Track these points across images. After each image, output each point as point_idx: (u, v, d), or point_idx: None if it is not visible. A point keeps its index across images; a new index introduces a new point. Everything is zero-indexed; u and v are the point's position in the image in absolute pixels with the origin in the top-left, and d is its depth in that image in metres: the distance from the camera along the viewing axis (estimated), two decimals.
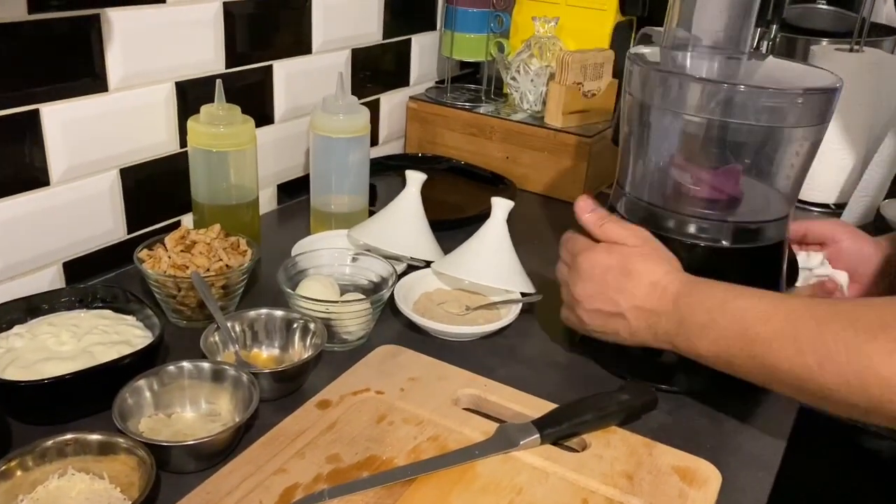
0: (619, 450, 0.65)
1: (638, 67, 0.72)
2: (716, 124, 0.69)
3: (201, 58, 0.94)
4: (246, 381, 0.65)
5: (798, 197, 0.76)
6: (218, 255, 0.80)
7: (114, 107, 0.86)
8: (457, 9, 1.29)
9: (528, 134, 1.22)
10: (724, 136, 0.70)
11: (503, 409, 0.70)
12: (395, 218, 0.93)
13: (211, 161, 0.89)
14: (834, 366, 0.56)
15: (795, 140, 0.70)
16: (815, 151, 0.72)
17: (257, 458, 0.61)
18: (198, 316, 0.80)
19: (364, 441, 0.64)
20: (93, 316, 0.74)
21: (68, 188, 0.84)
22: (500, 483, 0.60)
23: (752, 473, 0.66)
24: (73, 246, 0.87)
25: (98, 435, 0.58)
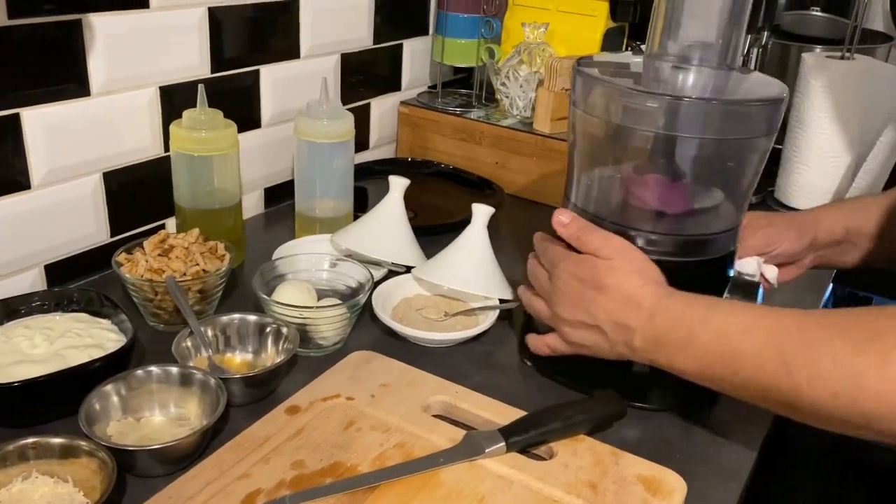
0: (585, 459, 0.64)
1: (581, 78, 0.71)
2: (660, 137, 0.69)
3: (186, 62, 0.95)
4: (214, 386, 0.65)
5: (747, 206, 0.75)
6: (195, 260, 0.80)
7: (96, 111, 0.87)
8: (448, 14, 1.29)
9: (517, 139, 1.22)
10: (668, 149, 0.70)
11: (473, 417, 0.70)
12: (377, 223, 0.94)
13: (193, 165, 0.89)
14: (822, 381, 0.54)
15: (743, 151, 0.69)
16: (763, 161, 0.72)
17: (222, 463, 0.61)
18: (175, 320, 0.80)
19: (329, 447, 0.64)
20: (68, 319, 0.74)
21: (50, 192, 0.85)
22: (462, 491, 0.60)
23: (721, 484, 0.66)
24: (55, 249, 0.87)
25: (60, 438, 0.58)
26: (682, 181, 0.71)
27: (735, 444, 0.70)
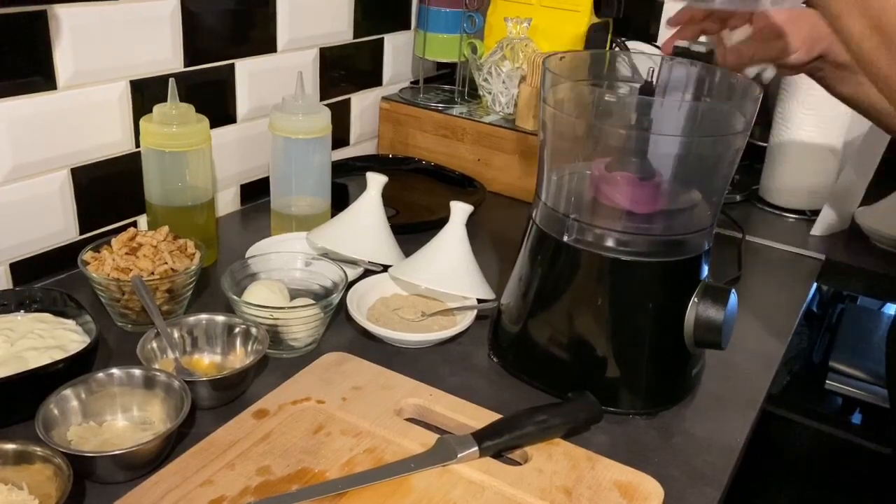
0: (560, 463, 0.63)
1: (551, 75, 0.70)
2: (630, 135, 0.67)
3: (158, 56, 0.93)
4: (178, 388, 0.63)
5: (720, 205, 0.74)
6: (163, 259, 0.78)
7: (64, 105, 0.84)
8: (429, 8, 1.27)
9: (499, 136, 1.20)
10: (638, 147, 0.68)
11: (448, 420, 0.68)
12: (354, 221, 0.92)
13: (164, 161, 0.87)
14: None
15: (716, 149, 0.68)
16: (736, 160, 0.70)
17: (185, 469, 0.59)
18: (144, 320, 0.78)
19: (297, 453, 0.62)
20: (31, 320, 0.72)
21: (15, 188, 0.82)
22: (433, 498, 0.59)
23: (699, 489, 0.64)
24: (21, 247, 0.85)
25: (13, 444, 0.56)
26: (653, 180, 0.70)
27: (714, 449, 0.69)
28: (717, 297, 0.70)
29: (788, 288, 1.02)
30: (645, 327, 0.71)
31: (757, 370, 0.82)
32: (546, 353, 0.74)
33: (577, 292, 0.72)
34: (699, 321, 0.70)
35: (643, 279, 0.70)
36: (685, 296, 0.70)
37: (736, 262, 1.06)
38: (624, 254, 0.69)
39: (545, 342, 0.74)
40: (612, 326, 0.71)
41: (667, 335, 0.71)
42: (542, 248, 0.74)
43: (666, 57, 0.76)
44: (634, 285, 0.70)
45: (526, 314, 0.75)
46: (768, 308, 0.95)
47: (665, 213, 0.72)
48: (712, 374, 0.79)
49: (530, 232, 0.75)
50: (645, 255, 0.69)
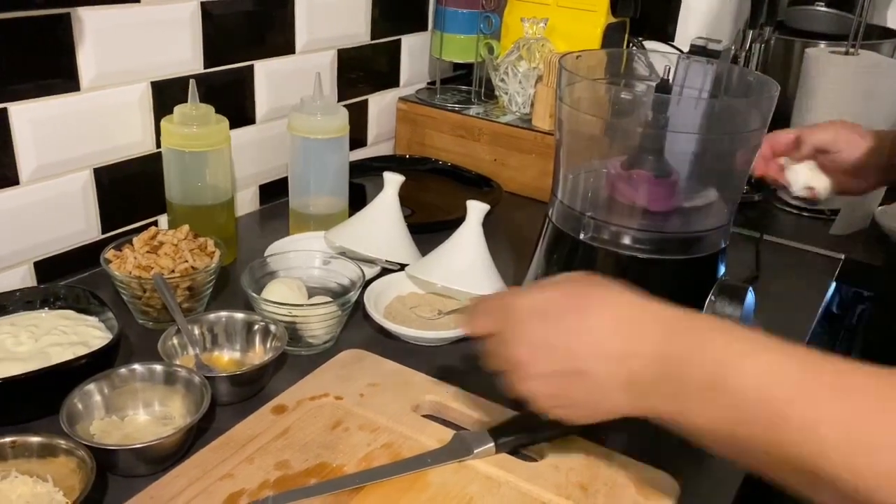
0: (576, 460, 0.63)
1: (567, 74, 0.70)
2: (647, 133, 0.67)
3: (178, 57, 0.94)
4: (198, 384, 0.64)
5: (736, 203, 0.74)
6: (184, 257, 0.79)
7: (86, 106, 0.86)
8: (446, 9, 1.28)
9: (516, 136, 1.21)
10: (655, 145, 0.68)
11: (464, 417, 0.69)
12: (371, 220, 0.92)
13: (184, 161, 0.88)
14: None
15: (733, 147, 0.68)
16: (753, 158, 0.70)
17: (205, 463, 0.60)
18: (165, 317, 0.79)
19: (316, 447, 0.63)
20: (54, 316, 0.73)
21: (39, 188, 0.84)
22: (449, 493, 0.59)
23: (714, 486, 0.64)
24: (45, 245, 0.86)
25: (39, 437, 0.57)
26: (670, 178, 0.70)
27: None
28: (734, 294, 0.69)
29: (807, 288, 1.01)
30: None
31: None
32: None
33: None
34: None
35: (659, 277, 0.70)
36: (702, 294, 0.70)
37: (754, 262, 1.05)
38: (640, 251, 0.69)
39: None
40: None
41: None
42: (558, 246, 0.74)
43: (682, 55, 0.76)
44: (651, 283, 0.69)
45: None
46: (787, 308, 0.94)
47: (681, 210, 0.72)
48: None
49: (547, 230, 0.76)
50: (661, 253, 0.69)
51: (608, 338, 0.49)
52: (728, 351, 0.45)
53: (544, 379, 0.51)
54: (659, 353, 0.47)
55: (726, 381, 0.44)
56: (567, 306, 0.51)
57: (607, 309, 0.50)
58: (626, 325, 0.49)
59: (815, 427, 0.40)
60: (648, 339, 0.48)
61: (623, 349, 0.48)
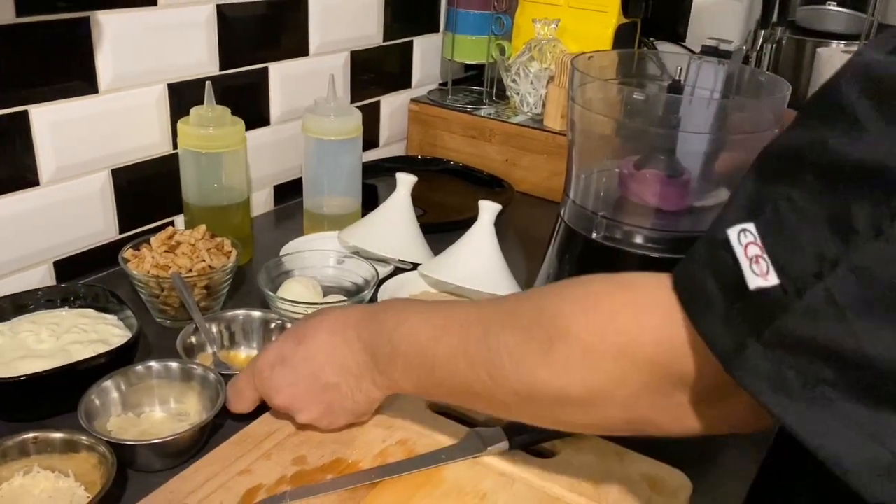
0: (589, 457, 0.64)
1: (579, 74, 0.71)
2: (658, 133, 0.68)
3: (194, 59, 0.95)
4: (213, 381, 0.65)
5: None
6: (201, 256, 0.80)
7: (105, 108, 0.87)
8: (458, 11, 1.29)
9: (527, 136, 1.21)
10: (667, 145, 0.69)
11: (477, 414, 0.69)
12: (384, 220, 0.93)
13: (200, 162, 0.89)
14: (502, 378, 0.50)
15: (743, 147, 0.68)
16: None
17: (223, 459, 0.61)
18: (182, 316, 0.81)
19: (331, 444, 0.63)
20: (74, 315, 0.75)
21: (58, 188, 0.85)
22: (463, 488, 0.60)
23: (726, 483, 0.65)
24: (64, 245, 0.88)
25: (60, 433, 0.58)
26: (681, 177, 0.70)
27: (741, 444, 0.69)
28: None
29: None
30: None
31: None
32: None
33: None
34: None
35: None
36: None
37: None
38: (652, 251, 0.69)
39: None
40: None
41: None
42: (570, 245, 0.75)
43: (694, 56, 0.77)
44: None
45: None
46: None
47: (693, 210, 0.72)
48: None
49: (559, 229, 0.76)
50: (673, 252, 0.70)
51: (329, 352, 0.60)
52: (390, 324, 0.57)
53: (311, 405, 0.61)
54: (359, 347, 0.59)
55: (398, 347, 0.56)
56: (294, 343, 0.61)
57: (320, 331, 0.61)
58: (336, 334, 0.60)
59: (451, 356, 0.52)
60: (351, 340, 0.59)
61: (338, 353, 0.59)
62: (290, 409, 0.62)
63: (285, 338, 0.63)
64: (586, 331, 0.46)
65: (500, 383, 0.50)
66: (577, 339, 0.46)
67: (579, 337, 0.46)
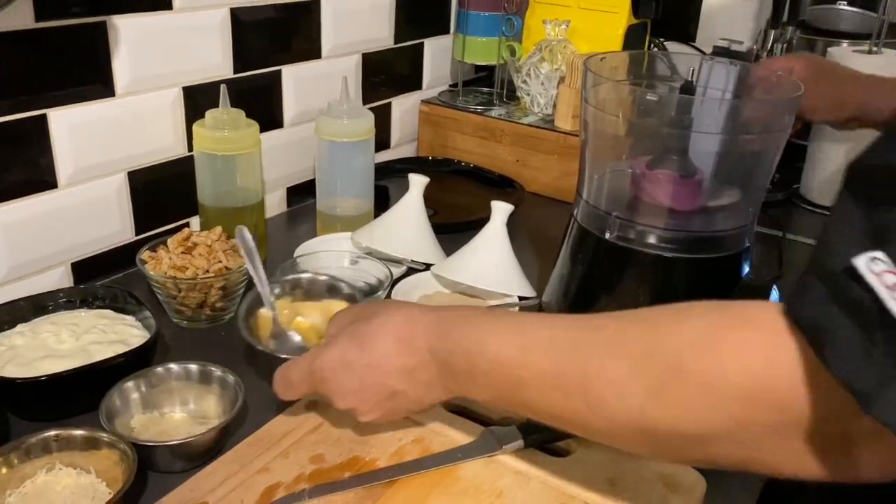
0: (603, 455, 0.64)
1: (592, 75, 0.71)
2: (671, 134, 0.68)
3: (209, 63, 0.96)
4: (233, 383, 0.66)
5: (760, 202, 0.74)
6: (218, 257, 0.81)
7: (121, 111, 0.88)
8: (468, 13, 1.29)
9: (538, 137, 1.22)
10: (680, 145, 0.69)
11: (492, 413, 0.70)
12: (397, 221, 0.94)
13: (216, 164, 0.90)
14: (601, 409, 0.47)
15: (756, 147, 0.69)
16: (776, 158, 0.71)
17: (242, 458, 0.62)
18: (198, 316, 0.82)
19: (348, 442, 0.64)
20: (93, 315, 0.76)
21: (76, 191, 0.86)
22: (480, 486, 0.60)
23: (740, 480, 0.65)
24: (81, 247, 0.89)
25: (82, 430, 0.59)
26: (694, 177, 0.71)
27: None
28: (758, 293, 0.70)
29: None
30: None
31: None
32: None
33: (618, 289, 0.73)
34: None
35: (684, 276, 0.71)
36: (726, 292, 0.71)
37: (776, 261, 1.06)
38: (665, 251, 0.70)
39: None
40: None
41: None
42: (583, 245, 0.75)
43: (706, 56, 0.77)
44: (676, 282, 0.71)
45: (567, 311, 0.77)
46: None
47: (706, 210, 0.73)
48: None
49: (572, 230, 0.77)
50: (686, 252, 0.70)
51: (396, 361, 0.57)
52: (464, 343, 0.54)
53: (376, 408, 0.60)
54: (430, 360, 0.56)
55: (477, 365, 0.53)
56: (358, 348, 0.59)
57: (385, 336, 0.58)
58: (402, 342, 0.57)
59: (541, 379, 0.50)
60: (420, 351, 0.57)
61: (406, 363, 0.57)
62: (353, 412, 0.61)
63: (347, 340, 0.59)
64: (706, 370, 0.43)
65: (598, 413, 0.47)
66: (696, 377, 0.43)
67: (698, 376, 0.43)
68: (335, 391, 0.60)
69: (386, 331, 0.58)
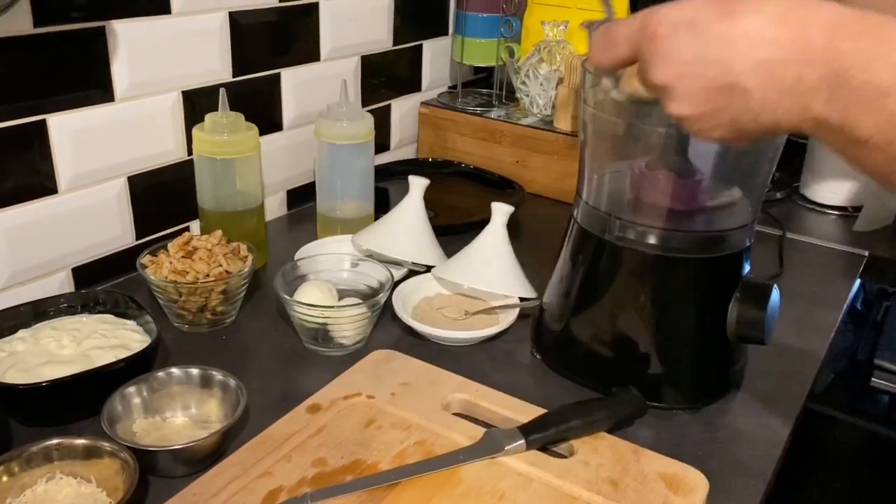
0: (605, 456, 0.64)
1: (590, 76, 0.71)
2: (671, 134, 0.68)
3: (208, 67, 0.96)
4: (234, 386, 0.66)
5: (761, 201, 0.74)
6: (218, 261, 0.81)
7: (121, 116, 0.88)
8: (467, 14, 1.29)
9: (538, 138, 1.22)
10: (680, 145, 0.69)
11: (493, 415, 0.70)
12: (397, 223, 0.94)
13: (215, 168, 0.90)
14: None
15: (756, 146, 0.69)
16: (776, 156, 0.71)
17: (244, 462, 0.62)
18: (199, 320, 0.82)
19: (350, 445, 0.64)
20: (94, 321, 0.76)
21: (76, 196, 0.86)
22: (482, 488, 0.60)
23: (744, 481, 0.65)
24: (82, 252, 0.89)
25: (83, 439, 0.59)
26: (694, 177, 0.71)
27: (758, 442, 0.70)
28: (759, 292, 0.70)
29: (831, 285, 1.02)
30: (687, 323, 0.72)
31: (800, 366, 0.82)
32: (589, 350, 0.75)
33: (619, 289, 0.73)
34: (741, 317, 0.70)
35: (685, 275, 0.71)
36: (727, 292, 0.71)
37: (777, 260, 1.06)
38: (666, 250, 0.70)
39: (588, 339, 0.76)
40: (655, 323, 0.72)
41: (709, 331, 0.72)
42: (583, 246, 0.75)
43: None
44: (676, 282, 0.71)
45: (568, 312, 0.77)
46: (811, 305, 0.95)
47: (706, 209, 0.73)
48: (755, 369, 0.79)
49: (572, 231, 0.77)
50: (686, 252, 0.70)
51: (766, 42, 0.44)
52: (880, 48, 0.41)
53: (694, 98, 0.47)
54: (828, 55, 0.42)
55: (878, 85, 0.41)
56: (718, 12, 0.45)
57: (763, 10, 0.44)
58: (786, 27, 0.43)
59: None
60: (813, 39, 0.43)
61: (777, 57, 0.43)
62: (666, 90, 0.48)
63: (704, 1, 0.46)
64: None
65: None
66: None
67: None
68: (661, 53, 0.47)
69: (765, 4, 0.44)
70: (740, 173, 0.72)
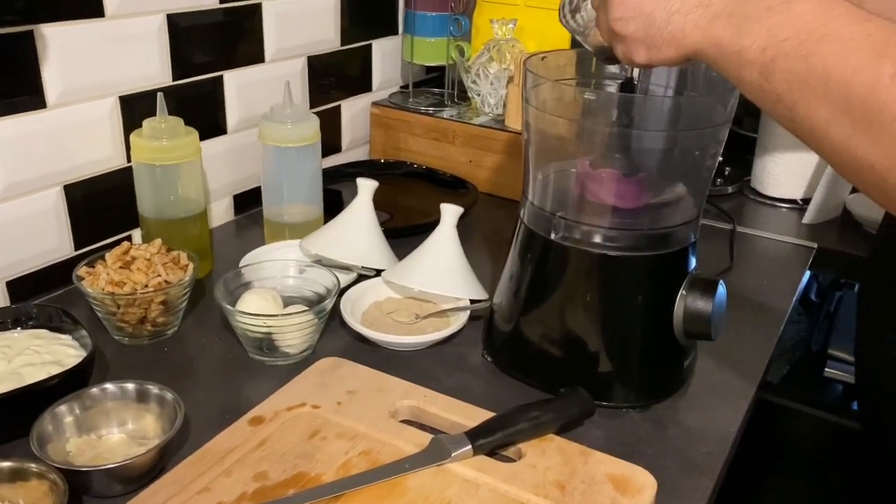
0: (554, 459, 0.63)
1: (532, 76, 0.70)
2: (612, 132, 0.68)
3: (146, 71, 0.93)
4: (171, 400, 0.64)
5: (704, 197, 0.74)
6: (157, 271, 0.79)
7: (54, 123, 0.85)
8: (416, 13, 1.28)
9: (489, 137, 1.21)
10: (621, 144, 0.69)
11: (442, 421, 0.69)
12: (346, 227, 0.92)
13: (155, 175, 0.88)
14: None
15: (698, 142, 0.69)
16: (719, 151, 0.71)
17: (183, 478, 0.60)
18: (140, 332, 0.79)
19: (293, 458, 0.63)
20: (27, 336, 0.73)
21: (9, 207, 0.83)
22: (428, 497, 0.59)
23: (693, 479, 0.65)
24: (18, 264, 0.86)
25: (8, 462, 0.57)
26: (637, 175, 0.70)
27: (708, 439, 0.69)
28: (705, 288, 0.70)
29: (781, 277, 1.02)
30: (635, 321, 0.72)
31: (751, 359, 0.82)
32: (539, 351, 0.75)
33: (566, 289, 0.73)
34: (688, 313, 0.70)
35: (631, 274, 0.71)
36: (674, 288, 0.71)
37: (728, 254, 1.06)
38: (611, 249, 0.69)
39: (537, 340, 0.75)
40: (603, 322, 0.72)
41: (657, 328, 0.72)
42: (530, 246, 0.74)
43: None
44: (623, 280, 0.71)
45: (518, 313, 0.76)
46: (761, 297, 0.95)
47: (651, 207, 0.72)
48: (706, 365, 0.79)
49: (519, 231, 0.76)
50: (632, 250, 0.70)
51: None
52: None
53: None
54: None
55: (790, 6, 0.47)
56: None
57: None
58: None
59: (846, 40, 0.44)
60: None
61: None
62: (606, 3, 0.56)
63: None
64: None
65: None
66: None
67: None
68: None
69: None
70: (683, 170, 0.72)
